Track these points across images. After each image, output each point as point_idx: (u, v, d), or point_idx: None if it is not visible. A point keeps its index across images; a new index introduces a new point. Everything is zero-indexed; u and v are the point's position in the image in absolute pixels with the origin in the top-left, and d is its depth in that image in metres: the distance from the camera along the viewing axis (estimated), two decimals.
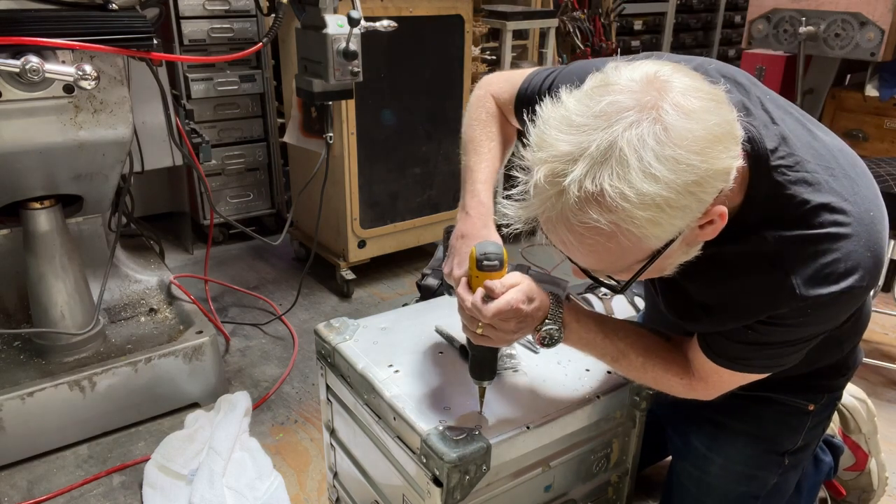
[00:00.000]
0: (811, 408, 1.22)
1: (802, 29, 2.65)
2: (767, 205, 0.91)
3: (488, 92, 1.25)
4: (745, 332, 0.97)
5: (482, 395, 1.14)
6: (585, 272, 0.92)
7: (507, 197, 0.84)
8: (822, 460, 1.45)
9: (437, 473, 1.05)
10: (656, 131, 0.74)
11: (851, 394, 1.56)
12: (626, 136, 0.74)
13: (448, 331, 1.37)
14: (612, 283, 0.92)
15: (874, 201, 0.93)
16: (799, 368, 1.09)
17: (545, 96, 0.86)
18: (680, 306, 1.08)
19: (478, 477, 1.07)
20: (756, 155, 0.89)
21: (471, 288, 1.02)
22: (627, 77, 0.79)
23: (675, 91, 0.77)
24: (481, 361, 1.10)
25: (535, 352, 1.32)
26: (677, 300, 1.08)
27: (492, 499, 1.15)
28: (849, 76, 2.97)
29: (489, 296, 0.99)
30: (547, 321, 1.04)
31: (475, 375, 1.11)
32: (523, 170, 0.82)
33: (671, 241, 0.81)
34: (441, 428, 1.08)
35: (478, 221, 1.14)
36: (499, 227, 1.02)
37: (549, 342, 1.06)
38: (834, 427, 1.57)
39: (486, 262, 1.00)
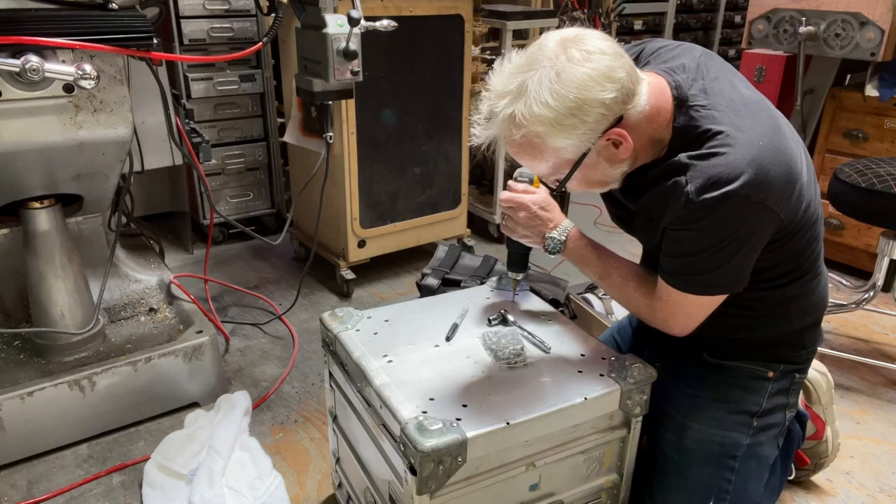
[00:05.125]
0: (770, 374, 1.39)
1: (802, 29, 2.65)
2: (683, 135, 1.16)
3: None
4: (672, 245, 1.20)
5: (514, 286, 1.52)
6: (540, 179, 1.31)
7: (474, 121, 1.18)
8: (793, 430, 1.56)
9: (413, 462, 1.06)
10: (551, 75, 1.07)
11: (814, 367, 1.67)
12: (533, 78, 1.08)
13: (460, 318, 1.45)
14: (553, 185, 1.23)
15: (770, 137, 1.13)
16: (753, 334, 1.35)
17: None
18: (618, 215, 1.40)
19: (453, 468, 1.08)
20: (679, 98, 1.17)
21: None
22: (552, 39, 1.11)
23: (575, 48, 1.08)
24: (512, 257, 1.48)
25: (546, 351, 1.33)
26: (617, 210, 1.39)
27: (473, 492, 1.15)
28: (849, 76, 2.97)
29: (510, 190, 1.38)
30: (554, 232, 1.37)
31: (509, 268, 1.49)
32: (482, 100, 1.15)
33: (584, 155, 1.13)
34: (420, 418, 1.10)
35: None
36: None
37: (551, 248, 1.37)
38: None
39: (518, 178, 1.40)
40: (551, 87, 1.06)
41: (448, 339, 1.37)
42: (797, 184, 1.16)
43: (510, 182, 1.41)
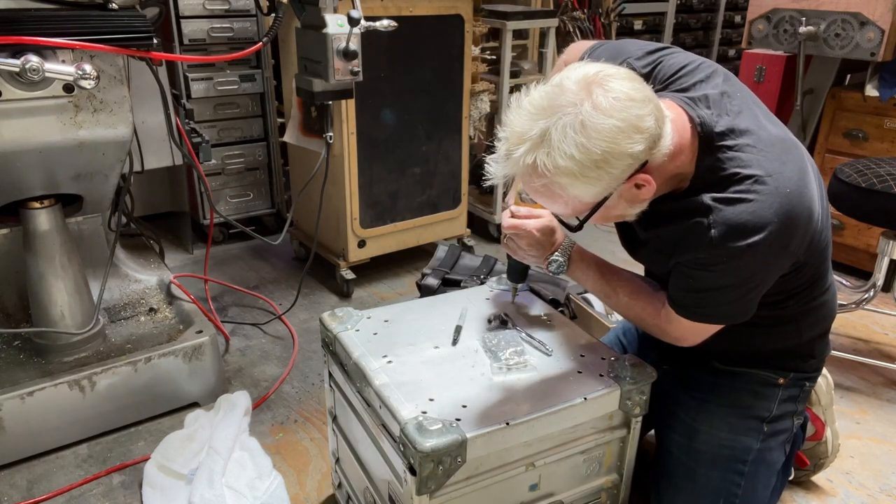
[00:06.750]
0: (781, 381, 1.40)
1: (802, 29, 2.65)
2: (709, 175, 1.14)
3: (563, 60, 1.47)
4: (684, 280, 1.19)
5: (514, 293, 1.53)
6: (556, 216, 1.25)
7: (490, 160, 1.14)
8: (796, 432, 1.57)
9: (412, 462, 1.07)
10: (575, 124, 1.01)
11: None
12: (556, 126, 1.02)
13: (462, 319, 1.44)
14: (573, 222, 1.19)
15: (797, 182, 1.12)
16: (762, 345, 1.36)
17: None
18: (626, 239, 1.37)
19: (453, 468, 1.08)
20: (705, 136, 1.14)
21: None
22: (574, 79, 1.05)
23: (600, 92, 1.02)
24: (513, 269, 1.48)
25: (545, 353, 1.33)
26: (626, 234, 1.38)
27: (473, 492, 1.16)
28: (849, 76, 2.96)
29: (513, 216, 1.37)
30: (557, 253, 1.36)
31: (509, 278, 1.51)
32: (499, 140, 1.11)
33: (606, 198, 1.09)
34: (420, 418, 1.10)
35: None
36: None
37: (554, 269, 1.37)
38: None
39: (523, 196, 1.36)
40: (576, 138, 1.00)
41: (454, 342, 1.36)
42: (817, 224, 1.16)
43: (512, 206, 1.37)
